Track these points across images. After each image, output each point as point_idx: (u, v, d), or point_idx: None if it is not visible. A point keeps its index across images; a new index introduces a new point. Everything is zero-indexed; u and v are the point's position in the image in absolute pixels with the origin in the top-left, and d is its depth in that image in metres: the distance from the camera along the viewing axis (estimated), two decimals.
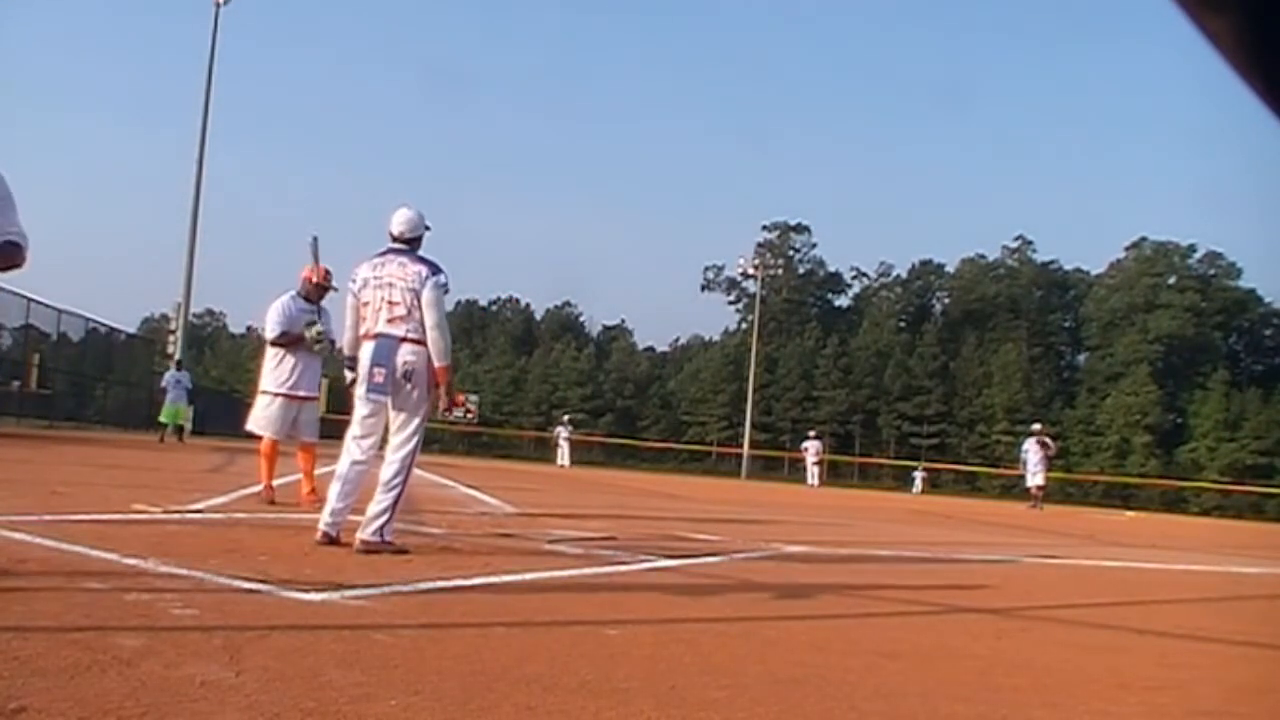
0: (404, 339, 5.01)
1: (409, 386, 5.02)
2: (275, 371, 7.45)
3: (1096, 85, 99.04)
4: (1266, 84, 0.65)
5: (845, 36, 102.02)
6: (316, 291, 7.56)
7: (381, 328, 5.04)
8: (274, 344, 7.48)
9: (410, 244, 5.24)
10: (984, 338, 70.32)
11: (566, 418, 41.62)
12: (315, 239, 7.50)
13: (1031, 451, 22.31)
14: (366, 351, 5.07)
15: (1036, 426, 24.15)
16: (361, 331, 5.14)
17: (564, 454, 35.21)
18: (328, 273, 7.53)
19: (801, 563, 6.27)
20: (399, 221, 5.24)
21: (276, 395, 7.43)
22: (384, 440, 5.17)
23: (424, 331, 5.02)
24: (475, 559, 5.04)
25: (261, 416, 7.46)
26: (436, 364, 5.04)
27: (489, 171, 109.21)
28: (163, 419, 23.47)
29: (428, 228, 5.35)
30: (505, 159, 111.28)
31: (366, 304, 5.11)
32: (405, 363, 4.99)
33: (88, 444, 17.18)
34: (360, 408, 5.12)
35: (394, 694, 2.31)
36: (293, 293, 7.58)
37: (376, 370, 4.99)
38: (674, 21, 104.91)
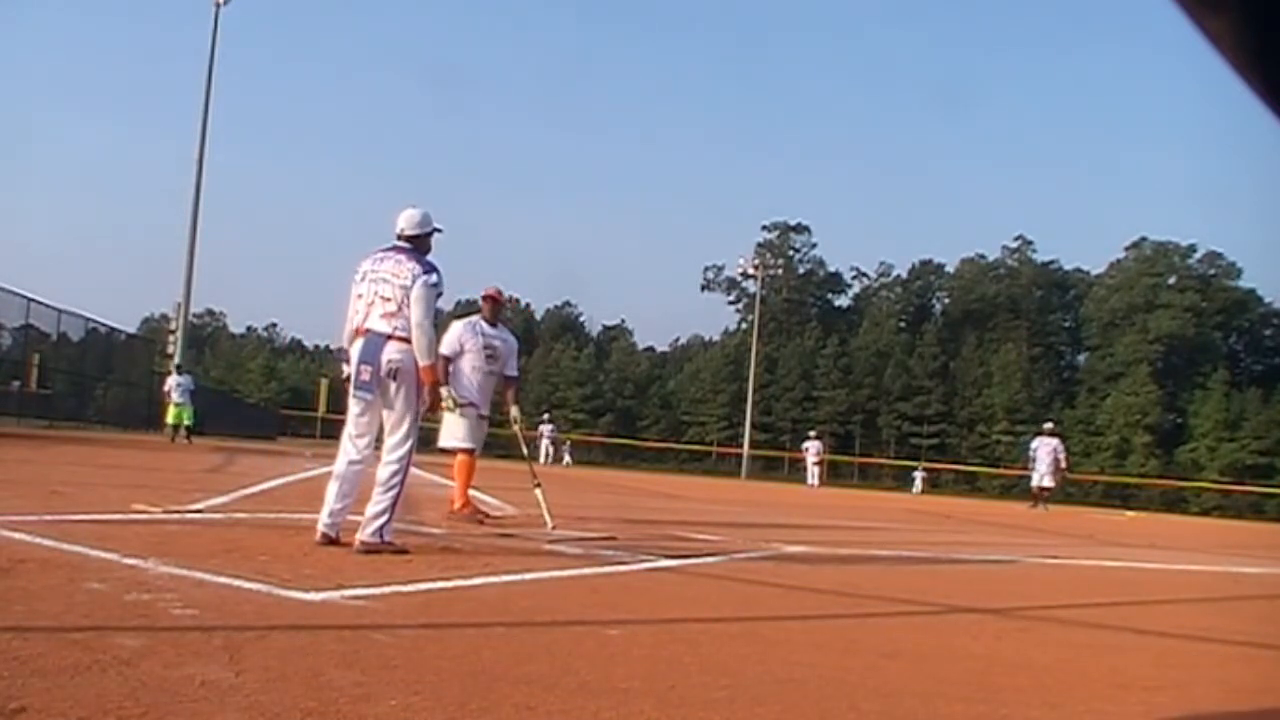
0: (391, 336, 4.99)
1: (395, 385, 4.99)
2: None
3: (1097, 85, 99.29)
4: (1266, 84, 0.65)
5: (845, 37, 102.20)
6: (491, 308, 7.67)
7: (371, 323, 5.03)
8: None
9: (414, 242, 5.24)
10: (984, 338, 70.33)
11: (546, 416, 41.76)
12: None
13: (1042, 449, 21.74)
14: (356, 349, 5.06)
15: (1048, 426, 23.36)
16: (354, 326, 5.13)
17: (549, 454, 35.44)
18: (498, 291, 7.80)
19: (801, 563, 6.26)
20: (403, 219, 5.26)
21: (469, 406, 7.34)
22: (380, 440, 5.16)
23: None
24: (475, 559, 5.03)
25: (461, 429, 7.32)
26: (420, 362, 5.02)
27: (489, 171, 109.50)
28: (170, 420, 23.65)
29: (439, 229, 5.36)
30: (505, 159, 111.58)
31: (360, 297, 5.11)
32: (390, 361, 4.96)
33: (88, 444, 17.17)
34: (353, 406, 5.11)
35: (394, 694, 2.31)
36: (474, 318, 7.63)
37: (363, 368, 4.98)
38: (674, 22, 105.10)
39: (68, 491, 7.09)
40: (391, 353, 4.98)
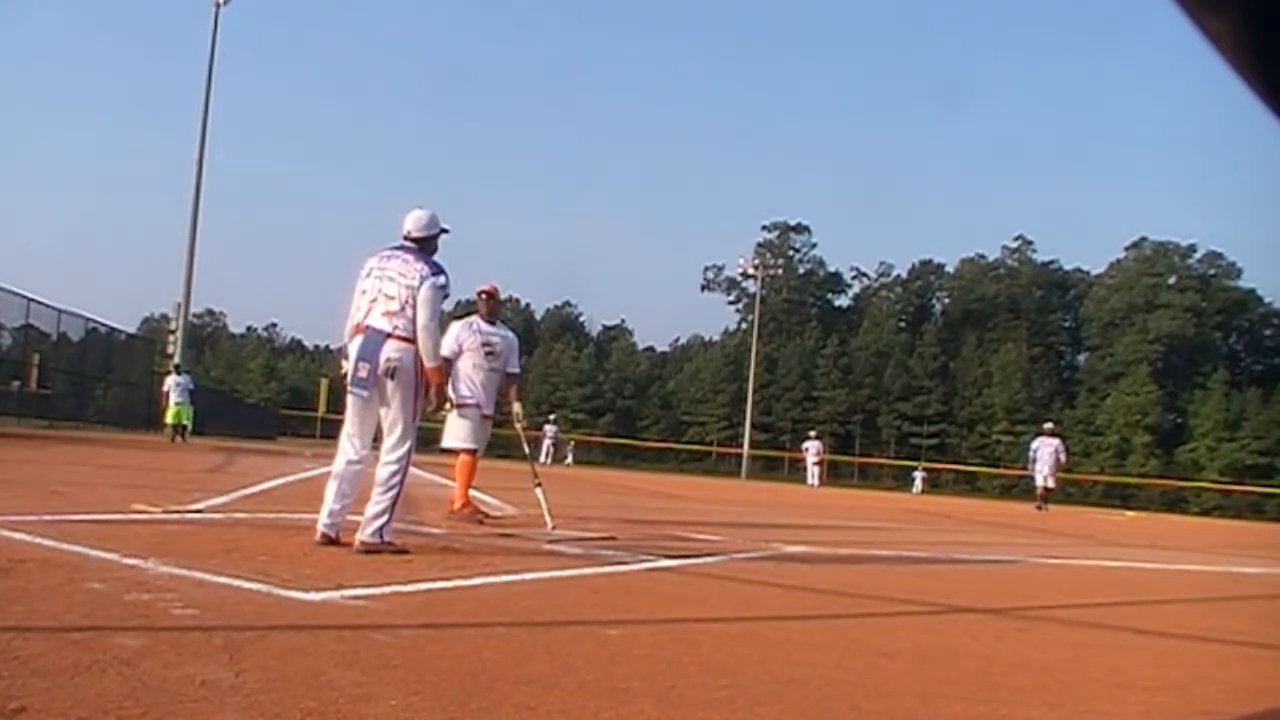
0: (391, 334, 4.96)
1: (392, 384, 4.96)
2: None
3: (1097, 85, 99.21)
4: (1266, 84, 0.65)
5: (845, 36, 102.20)
6: (488, 305, 7.65)
7: (372, 320, 5.02)
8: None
9: (420, 243, 5.24)
10: (984, 338, 70.31)
11: (553, 416, 42.33)
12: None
13: (1043, 449, 21.58)
14: (355, 345, 5.04)
15: (1048, 426, 23.27)
16: (354, 322, 5.12)
17: (550, 454, 35.58)
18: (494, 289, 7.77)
19: (801, 563, 6.26)
20: (410, 221, 5.26)
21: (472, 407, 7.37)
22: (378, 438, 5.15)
23: (415, 329, 5.00)
24: (475, 559, 5.03)
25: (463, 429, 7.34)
26: (425, 364, 5.01)
27: (489, 171, 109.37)
28: (170, 420, 23.66)
29: (445, 230, 5.36)
30: (506, 159, 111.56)
31: (364, 293, 5.10)
32: (389, 359, 4.94)
33: (88, 444, 17.17)
34: (350, 403, 5.11)
35: (394, 694, 2.31)
36: (472, 317, 7.62)
37: (361, 364, 4.96)
38: (674, 22, 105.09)
39: (68, 491, 7.09)
40: (390, 351, 4.96)
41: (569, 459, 39.25)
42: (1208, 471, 58.34)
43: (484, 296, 7.72)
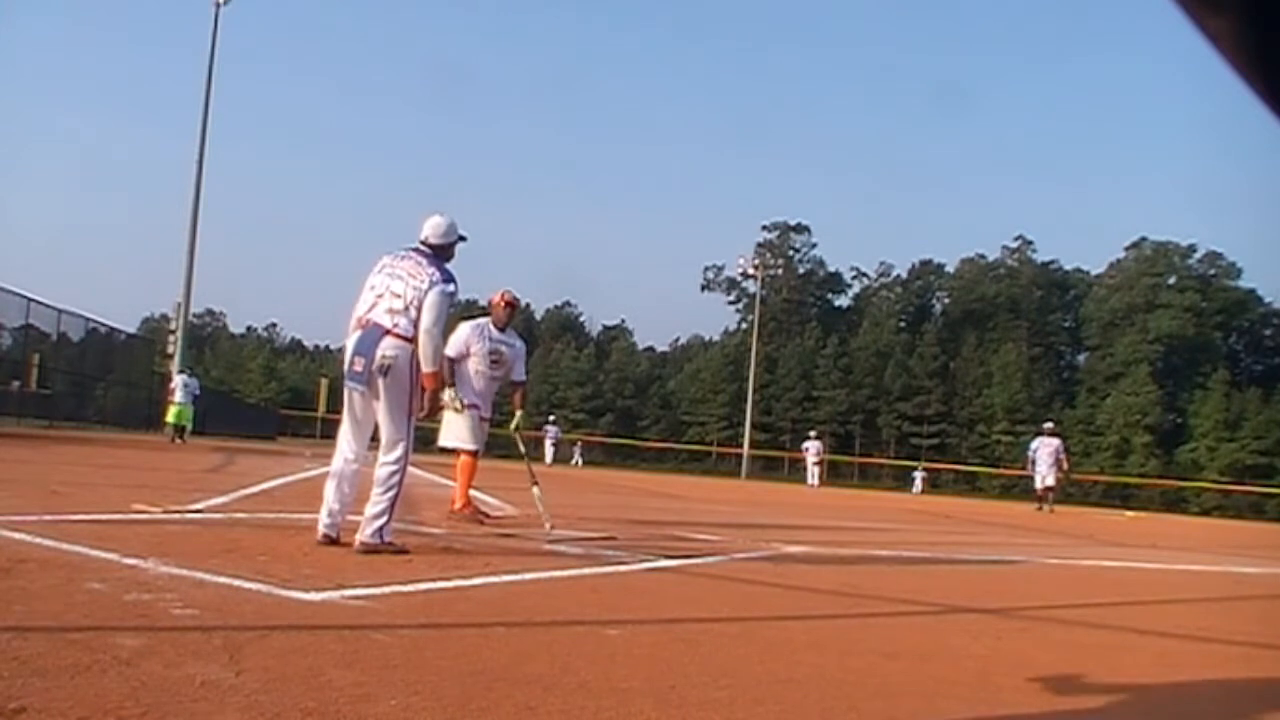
0: (389, 331, 4.94)
1: (385, 381, 4.92)
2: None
3: (1097, 85, 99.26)
4: (1266, 84, 0.65)
5: (845, 37, 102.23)
6: (506, 314, 7.61)
7: (374, 315, 5.00)
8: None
9: (438, 250, 5.23)
10: (984, 338, 70.32)
11: (552, 417, 42.48)
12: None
13: (1043, 450, 21.46)
14: (353, 340, 5.02)
15: (1048, 425, 23.11)
16: (357, 316, 5.11)
17: (549, 454, 35.59)
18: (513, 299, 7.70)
19: (801, 563, 6.26)
20: (429, 227, 5.26)
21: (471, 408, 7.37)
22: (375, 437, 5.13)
23: (416, 331, 4.99)
24: (475, 559, 5.03)
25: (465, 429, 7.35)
26: (423, 369, 5.00)
27: (490, 171, 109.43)
28: (171, 420, 23.66)
29: (463, 238, 5.36)
30: (506, 159, 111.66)
31: (372, 289, 5.10)
32: (384, 356, 4.91)
33: (88, 444, 17.17)
34: (347, 402, 5.09)
35: (394, 694, 2.31)
36: (483, 321, 7.58)
37: (356, 359, 4.94)
38: (673, 22, 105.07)
39: (68, 491, 7.08)
40: (387, 348, 4.94)
41: (578, 461, 39.23)
42: (1208, 471, 58.35)
43: (504, 304, 7.65)
